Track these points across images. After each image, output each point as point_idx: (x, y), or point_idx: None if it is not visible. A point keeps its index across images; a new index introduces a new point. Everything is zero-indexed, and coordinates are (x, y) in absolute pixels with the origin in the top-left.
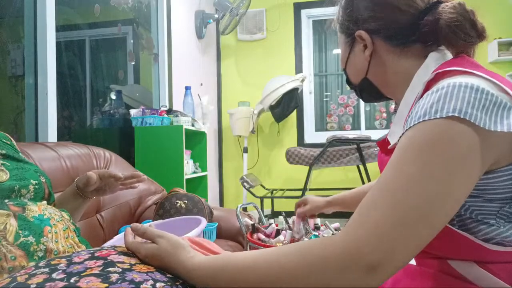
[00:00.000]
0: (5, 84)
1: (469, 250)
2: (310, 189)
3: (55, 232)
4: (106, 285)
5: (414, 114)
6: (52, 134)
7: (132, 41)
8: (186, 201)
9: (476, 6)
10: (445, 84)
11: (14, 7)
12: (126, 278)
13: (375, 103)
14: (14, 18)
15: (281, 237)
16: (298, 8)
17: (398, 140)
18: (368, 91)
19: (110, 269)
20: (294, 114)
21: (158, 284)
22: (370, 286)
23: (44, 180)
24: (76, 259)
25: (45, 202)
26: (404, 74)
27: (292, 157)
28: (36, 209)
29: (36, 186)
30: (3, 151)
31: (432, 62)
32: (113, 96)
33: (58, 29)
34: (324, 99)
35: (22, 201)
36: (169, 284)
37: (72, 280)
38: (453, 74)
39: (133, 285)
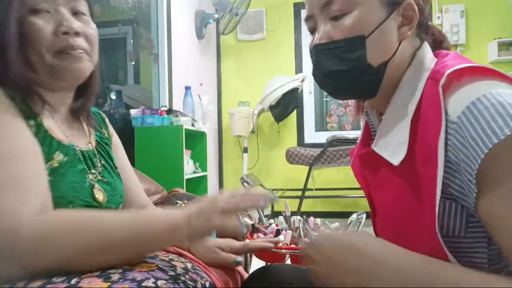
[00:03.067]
0: None
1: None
2: (311, 189)
3: None
4: (108, 283)
5: (495, 129)
6: None
7: (132, 41)
8: (186, 201)
9: (476, 6)
10: (488, 96)
11: None
12: (127, 278)
13: None
14: None
15: (281, 237)
16: (298, 8)
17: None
18: (373, 81)
19: (110, 270)
20: (294, 114)
21: (159, 282)
22: None
23: (121, 207)
24: None
25: None
26: (406, 63)
27: (292, 157)
28: None
29: None
30: (103, 161)
31: (429, 51)
32: (113, 96)
33: None
34: (324, 99)
35: None
36: (170, 281)
37: (72, 282)
38: (473, 74)
39: (135, 283)
